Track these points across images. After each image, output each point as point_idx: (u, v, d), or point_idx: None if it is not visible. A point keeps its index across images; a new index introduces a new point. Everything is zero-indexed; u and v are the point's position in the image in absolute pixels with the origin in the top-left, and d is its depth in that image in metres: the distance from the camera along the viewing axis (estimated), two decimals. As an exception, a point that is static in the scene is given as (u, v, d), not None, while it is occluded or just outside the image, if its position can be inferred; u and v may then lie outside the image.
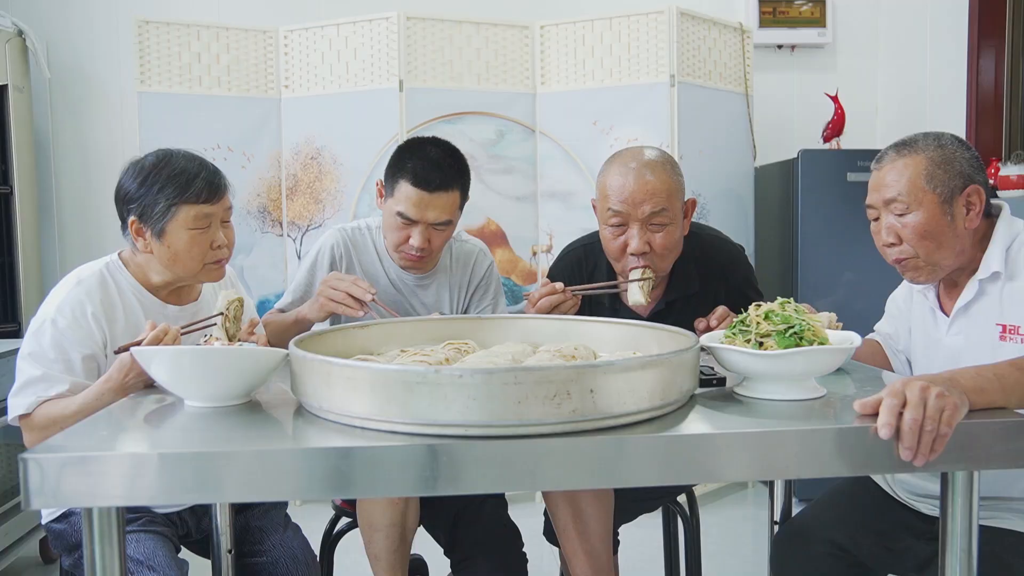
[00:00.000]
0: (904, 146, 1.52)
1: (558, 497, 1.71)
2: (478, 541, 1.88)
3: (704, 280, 1.87)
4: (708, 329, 1.61)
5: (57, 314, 1.58)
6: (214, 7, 3.80)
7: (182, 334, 1.48)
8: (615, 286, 1.82)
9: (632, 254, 1.75)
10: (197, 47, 3.33)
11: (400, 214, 1.86)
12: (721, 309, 1.66)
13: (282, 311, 1.99)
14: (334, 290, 1.78)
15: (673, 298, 1.86)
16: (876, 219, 1.55)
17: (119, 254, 1.72)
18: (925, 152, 1.49)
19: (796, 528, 1.72)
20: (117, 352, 1.50)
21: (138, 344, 1.41)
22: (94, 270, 1.67)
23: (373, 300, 1.77)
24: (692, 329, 1.84)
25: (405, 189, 1.84)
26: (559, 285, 1.70)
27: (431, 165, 1.84)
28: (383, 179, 1.94)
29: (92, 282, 1.64)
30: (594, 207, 1.85)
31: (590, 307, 1.87)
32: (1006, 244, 1.48)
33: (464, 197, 1.93)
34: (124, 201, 1.63)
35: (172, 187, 1.59)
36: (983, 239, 1.51)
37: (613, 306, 1.88)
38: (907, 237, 1.49)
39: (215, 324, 1.50)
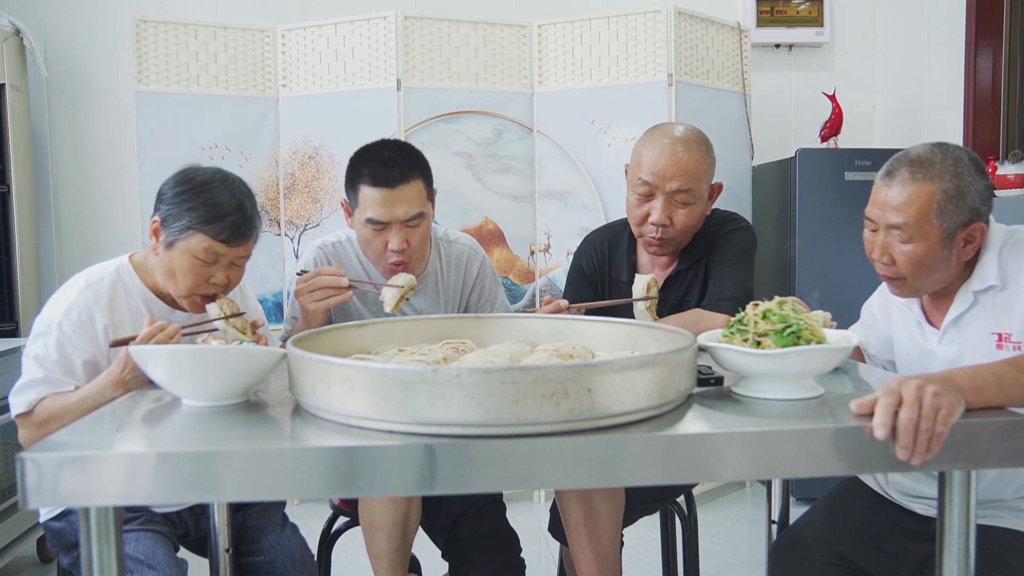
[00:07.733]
0: (920, 167, 1.43)
1: (570, 495, 1.72)
2: (477, 546, 1.88)
3: (709, 249, 1.93)
4: None
5: (64, 317, 1.58)
6: (211, 6, 3.80)
7: (184, 335, 1.47)
8: (623, 304, 1.83)
9: (652, 224, 1.83)
10: (195, 46, 3.33)
11: (370, 220, 1.82)
12: None
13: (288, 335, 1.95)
14: (314, 292, 1.74)
15: (684, 267, 1.93)
16: (873, 231, 1.51)
17: (130, 257, 1.70)
18: (940, 182, 1.41)
19: (793, 537, 1.70)
20: (113, 345, 1.50)
21: (133, 339, 1.41)
22: (104, 273, 1.65)
23: (350, 282, 1.75)
24: (699, 295, 1.89)
25: (367, 193, 1.81)
26: (564, 303, 1.70)
27: (386, 162, 1.82)
28: (345, 196, 1.91)
29: (101, 286, 1.63)
30: (626, 171, 1.93)
31: (609, 285, 1.99)
32: (996, 254, 1.46)
33: (430, 188, 1.90)
34: (158, 198, 1.62)
35: (199, 213, 1.56)
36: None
37: (630, 279, 1.91)
38: (901, 263, 1.46)
39: (216, 328, 1.50)
